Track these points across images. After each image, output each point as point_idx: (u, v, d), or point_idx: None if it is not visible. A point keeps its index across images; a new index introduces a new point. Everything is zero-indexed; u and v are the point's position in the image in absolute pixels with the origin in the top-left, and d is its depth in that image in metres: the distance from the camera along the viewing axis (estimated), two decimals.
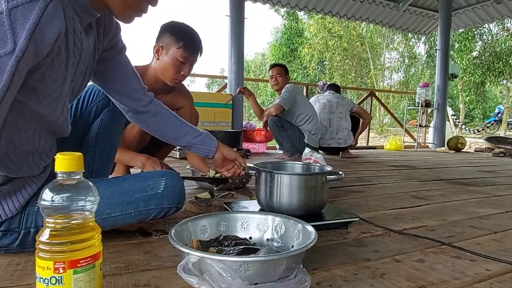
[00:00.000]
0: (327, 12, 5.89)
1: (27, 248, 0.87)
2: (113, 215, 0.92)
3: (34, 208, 0.84)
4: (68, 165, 0.56)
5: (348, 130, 3.70)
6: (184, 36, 1.49)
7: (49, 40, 0.62)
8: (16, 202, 0.82)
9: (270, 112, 3.14)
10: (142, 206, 0.95)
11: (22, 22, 0.57)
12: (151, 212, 0.97)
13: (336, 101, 3.72)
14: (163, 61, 1.51)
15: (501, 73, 14.48)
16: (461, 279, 0.82)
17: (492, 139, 5.76)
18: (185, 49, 1.48)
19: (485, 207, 1.59)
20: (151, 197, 0.96)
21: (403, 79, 19.28)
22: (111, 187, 0.94)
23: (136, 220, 0.97)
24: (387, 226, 1.23)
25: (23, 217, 0.84)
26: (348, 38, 18.48)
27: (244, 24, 4.43)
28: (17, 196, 0.82)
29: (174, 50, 1.48)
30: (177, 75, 1.52)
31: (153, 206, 0.96)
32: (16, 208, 0.82)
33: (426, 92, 5.53)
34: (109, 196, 0.91)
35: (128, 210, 0.93)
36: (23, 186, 0.83)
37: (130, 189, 0.95)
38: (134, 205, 0.94)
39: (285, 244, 0.89)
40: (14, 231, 0.84)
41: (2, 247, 0.86)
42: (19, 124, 0.72)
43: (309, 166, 1.36)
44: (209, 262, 0.66)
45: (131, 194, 0.94)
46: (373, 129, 15.36)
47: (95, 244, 0.57)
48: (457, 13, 6.14)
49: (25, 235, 0.85)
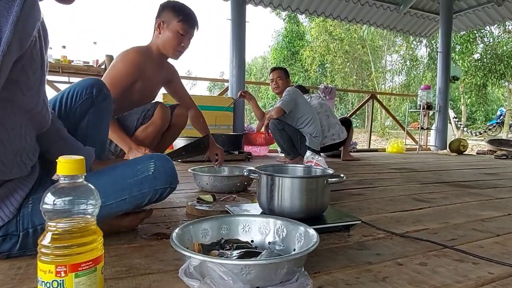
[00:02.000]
0: (328, 15, 5.91)
1: (29, 251, 0.87)
2: (108, 203, 0.92)
3: (28, 209, 0.84)
4: (70, 169, 0.56)
5: (339, 124, 3.67)
6: (182, 11, 1.66)
7: (31, 31, 0.62)
8: (10, 206, 0.82)
9: (271, 115, 3.15)
10: (136, 191, 0.96)
11: (6, 16, 0.57)
12: (145, 196, 0.97)
13: (318, 101, 3.73)
14: (165, 35, 1.67)
15: (502, 75, 14.46)
16: (463, 282, 0.82)
17: (494, 142, 5.73)
18: (184, 22, 1.65)
19: (487, 210, 1.58)
20: (143, 180, 0.97)
21: (405, 82, 19.26)
22: (102, 177, 0.95)
23: (132, 205, 0.97)
24: (389, 229, 1.22)
25: (19, 219, 0.84)
26: (349, 40, 18.51)
27: (245, 27, 4.45)
28: (10, 200, 0.82)
29: (175, 24, 1.64)
30: (178, 46, 1.69)
31: (147, 188, 0.97)
32: (12, 212, 0.82)
33: (427, 95, 5.53)
34: (101, 186, 0.90)
35: (122, 196, 0.94)
36: (14, 190, 0.83)
37: (121, 176, 0.96)
38: (127, 191, 0.95)
39: (286, 248, 0.89)
40: (13, 235, 0.84)
41: (3, 253, 0.86)
42: (5, 123, 0.72)
43: (310, 169, 1.36)
44: (210, 266, 0.66)
45: (124, 180, 0.95)
46: (375, 132, 15.35)
47: (97, 248, 0.57)
48: (458, 15, 6.14)
49: (24, 237, 0.85)
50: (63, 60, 3.56)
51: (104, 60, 3.49)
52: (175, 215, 1.37)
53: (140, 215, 1.14)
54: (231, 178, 1.82)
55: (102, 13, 66.66)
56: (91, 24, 64.09)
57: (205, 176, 1.80)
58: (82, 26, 62.56)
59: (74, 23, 62.60)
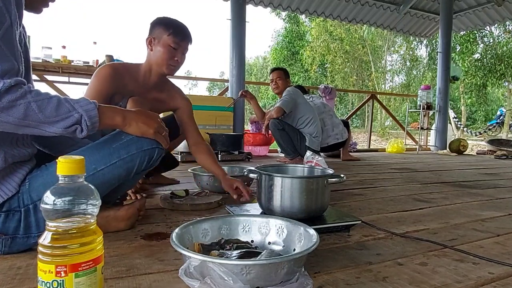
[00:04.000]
0: (328, 15, 5.91)
1: (32, 237, 0.90)
2: (99, 169, 0.96)
3: (26, 187, 0.90)
4: (70, 169, 0.56)
5: (341, 124, 3.73)
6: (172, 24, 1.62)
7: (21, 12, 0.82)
8: (13, 182, 0.89)
9: (271, 115, 3.15)
10: (124, 154, 0.99)
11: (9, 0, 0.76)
12: (134, 158, 1.00)
13: (320, 101, 3.76)
14: (156, 50, 1.62)
15: (502, 75, 14.45)
16: (464, 282, 0.82)
17: (494, 142, 5.73)
18: (175, 35, 1.60)
19: (487, 210, 1.58)
20: (129, 142, 0.99)
21: (405, 82, 19.27)
22: (88, 148, 0.99)
23: (124, 171, 1.00)
24: (389, 229, 1.22)
25: (20, 196, 0.90)
26: (349, 41, 18.50)
27: (245, 27, 4.45)
28: (12, 178, 0.89)
29: (166, 38, 1.60)
30: (171, 61, 1.62)
31: (134, 150, 1.00)
32: (14, 188, 0.89)
33: (427, 95, 5.53)
34: (88, 154, 0.95)
35: (112, 161, 0.98)
36: (17, 169, 0.90)
37: (106, 142, 1.00)
38: (115, 155, 0.98)
39: (286, 247, 0.89)
40: (15, 211, 0.89)
41: (9, 234, 0.89)
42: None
43: (310, 169, 1.36)
44: (210, 266, 0.66)
45: (109, 146, 0.99)
46: (375, 132, 15.35)
47: (97, 248, 0.57)
48: (458, 15, 6.14)
49: (26, 214, 0.90)
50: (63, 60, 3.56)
51: (104, 60, 3.48)
52: (175, 215, 1.37)
53: (134, 203, 1.15)
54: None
55: (102, 13, 66.71)
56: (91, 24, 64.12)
57: (205, 176, 1.80)
58: (82, 26, 62.59)
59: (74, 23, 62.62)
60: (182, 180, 2.13)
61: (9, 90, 0.73)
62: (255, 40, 22.84)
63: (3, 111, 0.73)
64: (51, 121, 0.79)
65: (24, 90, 0.76)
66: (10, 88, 0.73)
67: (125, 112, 0.96)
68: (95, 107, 0.85)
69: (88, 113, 0.83)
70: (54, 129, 0.80)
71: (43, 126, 0.79)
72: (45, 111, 0.78)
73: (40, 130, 0.79)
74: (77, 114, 0.82)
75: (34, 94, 0.77)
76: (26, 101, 0.75)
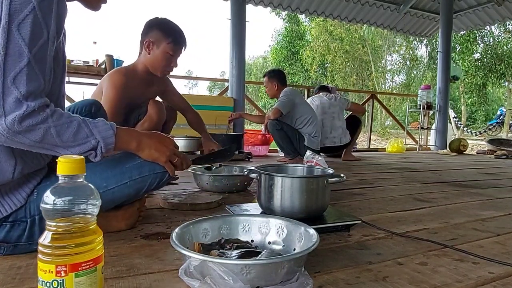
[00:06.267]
0: (328, 15, 5.90)
1: (34, 244, 0.88)
2: (110, 188, 0.95)
3: (34, 197, 0.89)
4: (70, 169, 0.56)
5: (343, 128, 3.68)
6: (172, 32, 1.68)
7: (63, 23, 0.80)
8: (23, 192, 0.88)
9: (269, 117, 3.16)
10: (136, 174, 0.98)
11: (48, 13, 0.74)
12: (146, 179, 0.99)
13: (328, 102, 3.74)
14: (154, 55, 1.69)
15: (503, 75, 14.46)
16: (464, 282, 0.82)
17: (494, 141, 5.73)
18: (175, 44, 1.68)
19: (487, 210, 1.58)
20: (142, 164, 0.99)
21: (405, 82, 19.26)
22: (100, 164, 0.95)
23: (134, 190, 0.99)
24: (389, 229, 1.22)
25: (27, 206, 0.88)
26: (349, 40, 18.49)
27: (245, 27, 4.45)
28: (23, 188, 0.88)
29: (165, 45, 1.66)
30: (168, 67, 1.72)
31: (147, 172, 0.99)
32: (24, 198, 0.87)
33: (427, 95, 5.52)
34: (101, 171, 0.94)
35: (123, 180, 0.97)
36: (28, 179, 0.89)
37: (119, 161, 0.99)
38: (128, 174, 0.97)
39: (287, 247, 0.89)
40: (21, 221, 0.88)
41: (11, 242, 0.88)
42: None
43: (310, 169, 1.36)
44: (210, 265, 0.66)
45: (122, 165, 0.98)
46: (375, 131, 15.34)
47: (97, 248, 0.57)
48: (458, 15, 6.14)
49: (32, 224, 0.88)
50: None
51: (104, 60, 3.48)
52: (175, 215, 1.37)
53: (134, 203, 1.15)
54: (231, 178, 1.83)
55: (102, 13, 66.71)
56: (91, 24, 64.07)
57: (205, 176, 1.80)
58: (82, 26, 62.52)
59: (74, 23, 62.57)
60: (181, 180, 2.12)
61: (31, 114, 0.72)
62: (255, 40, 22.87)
63: (21, 133, 0.72)
64: (67, 146, 0.79)
65: (46, 114, 0.75)
66: (32, 113, 0.72)
67: (140, 137, 0.96)
68: (113, 134, 0.85)
69: (105, 141, 0.83)
70: (68, 153, 0.79)
71: (58, 149, 0.78)
72: (63, 136, 0.77)
73: (54, 152, 0.79)
74: (94, 141, 0.82)
75: (56, 118, 0.76)
76: (46, 126, 0.75)
